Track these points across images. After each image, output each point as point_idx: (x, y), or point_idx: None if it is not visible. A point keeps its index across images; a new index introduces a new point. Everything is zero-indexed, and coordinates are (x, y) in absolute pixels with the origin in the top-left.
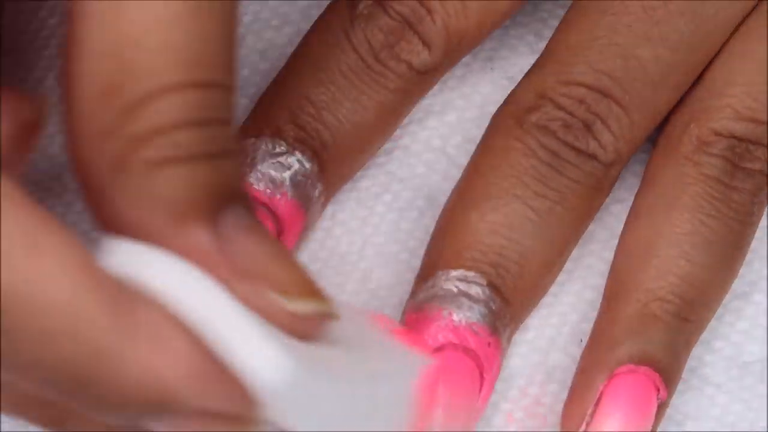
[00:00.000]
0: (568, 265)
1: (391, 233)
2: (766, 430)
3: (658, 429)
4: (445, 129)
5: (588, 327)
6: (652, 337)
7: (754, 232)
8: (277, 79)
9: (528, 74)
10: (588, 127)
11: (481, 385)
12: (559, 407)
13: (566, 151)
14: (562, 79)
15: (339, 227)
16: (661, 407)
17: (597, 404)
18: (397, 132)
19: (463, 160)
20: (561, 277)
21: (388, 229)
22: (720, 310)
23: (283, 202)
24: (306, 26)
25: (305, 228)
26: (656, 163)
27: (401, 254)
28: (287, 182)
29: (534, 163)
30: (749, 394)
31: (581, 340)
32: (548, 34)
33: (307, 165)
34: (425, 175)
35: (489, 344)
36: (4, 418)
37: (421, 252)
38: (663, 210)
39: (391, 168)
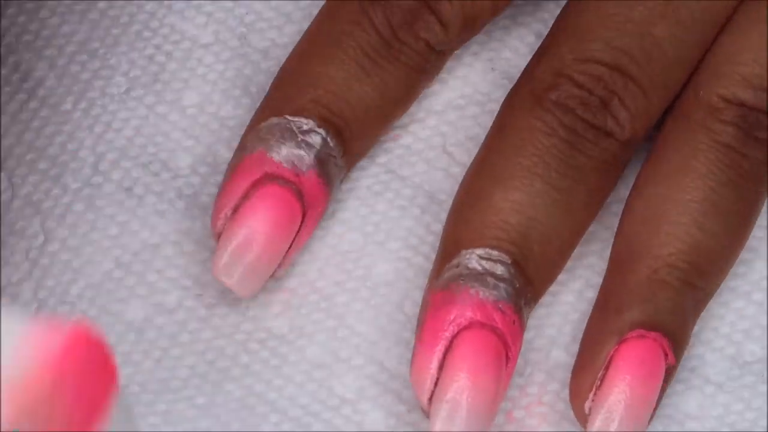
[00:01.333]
0: (569, 264)
1: (393, 231)
2: (766, 430)
3: (660, 429)
4: (446, 128)
5: None
6: (661, 303)
7: (763, 203)
8: (293, 58)
9: (543, 52)
10: (605, 105)
11: (507, 363)
12: (560, 406)
13: (584, 129)
14: (579, 56)
15: (340, 225)
16: (670, 372)
17: (606, 369)
18: (399, 131)
19: (465, 159)
20: (562, 276)
21: (390, 227)
22: (722, 310)
23: (310, 179)
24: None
25: (326, 208)
26: (666, 131)
27: (402, 252)
28: (314, 160)
29: (555, 141)
30: (750, 393)
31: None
32: None
33: (332, 143)
34: (426, 173)
35: (514, 323)
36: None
37: (423, 250)
38: (674, 176)
39: (393, 166)
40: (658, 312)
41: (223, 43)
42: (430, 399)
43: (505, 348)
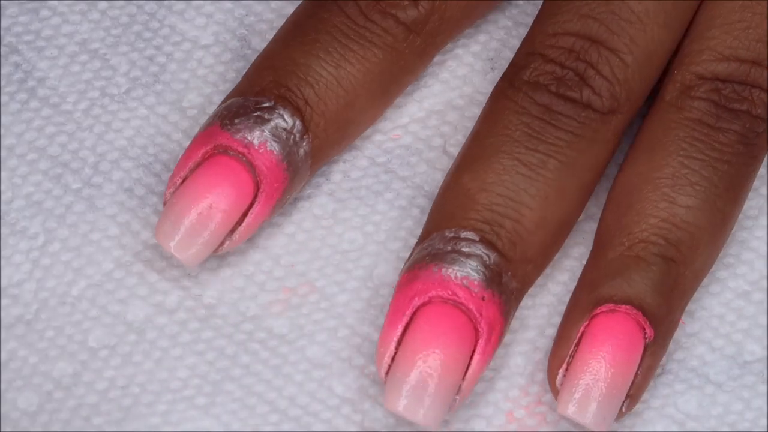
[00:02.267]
0: (569, 263)
1: (393, 231)
2: (766, 429)
3: (660, 428)
4: (446, 128)
5: None
6: (635, 278)
7: (748, 174)
8: (266, 47)
9: (522, 41)
10: (580, 76)
11: (477, 339)
12: None
13: (559, 104)
14: (548, 31)
15: (341, 225)
16: (652, 349)
17: (577, 345)
18: (399, 131)
19: None
20: (563, 276)
21: (390, 227)
22: (722, 310)
23: (263, 153)
24: None
25: (289, 189)
26: (647, 115)
27: (403, 252)
28: (266, 133)
29: (525, 119)
30: (750, 393)
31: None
32: None
33: (289, 120)
34: (426, 173)
35: (483, 298)
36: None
37: None
38: (645, 155)
39: (393, 167)
40: (630, 286)
41: (224, 44)
42: (387, 374)
43: (473, 322)
